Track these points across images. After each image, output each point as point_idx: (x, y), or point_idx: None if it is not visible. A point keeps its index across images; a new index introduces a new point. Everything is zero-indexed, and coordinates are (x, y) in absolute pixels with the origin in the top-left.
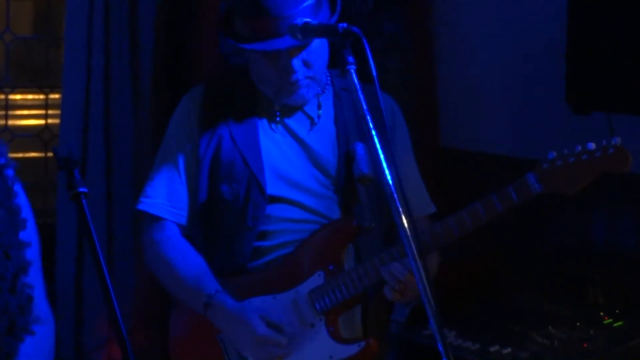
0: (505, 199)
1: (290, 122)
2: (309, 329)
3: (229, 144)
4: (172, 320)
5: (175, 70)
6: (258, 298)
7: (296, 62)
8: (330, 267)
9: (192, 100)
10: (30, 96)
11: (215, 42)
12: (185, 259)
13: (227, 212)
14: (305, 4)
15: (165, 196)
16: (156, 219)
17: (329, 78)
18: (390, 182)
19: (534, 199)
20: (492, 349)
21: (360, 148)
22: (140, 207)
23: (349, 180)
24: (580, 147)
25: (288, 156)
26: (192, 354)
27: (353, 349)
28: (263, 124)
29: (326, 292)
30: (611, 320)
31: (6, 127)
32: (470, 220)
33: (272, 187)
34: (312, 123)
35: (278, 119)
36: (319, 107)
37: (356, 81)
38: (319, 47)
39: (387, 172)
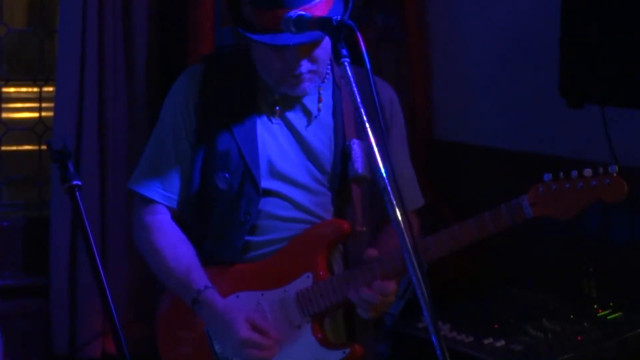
0: (499, 221)
1: (290, 115)
2: (296, 331)
3: (225, 134)
4: (162, 301)
5: (170, 62)
6: (246, 293)
7: (303, 57)
8: (320, 272)
9: (190, 81)
10: (24, 89)
11: (210, 35)
12: (176, 250)
13: (219, 203)
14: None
15: (158, 178)
16: (148, 201)
17: (329, 67)
18: (385, 176)
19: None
20: (485, 342)
21: (356, 145)
22: (134, 187)
23: (344, 179)
24: (576, 173)
25: (284, 150)
26: (179, 337)
27: (338, 355)
28: (261, 115)
29: (314, 295)
30: (605, 312)
31: (0, 120)
32: (462, 238)
33: (267, 182)
34: (311, 117)
35: (277, 107)
36: (319, 100)
37: (350, 74)
38: (325, 42)
39: (381, 167)
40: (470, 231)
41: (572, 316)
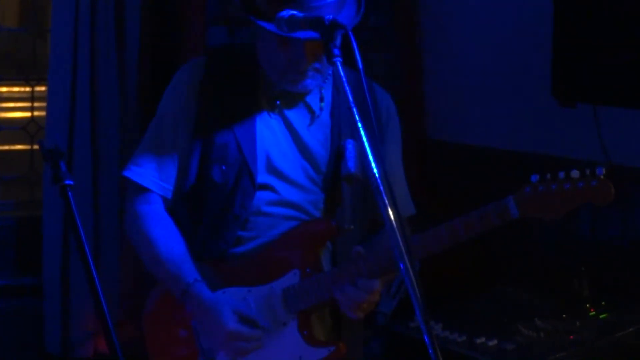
0: (485, 221)
1: (291, 112)
2: (281, 327)
3: (224, 127)
4: (148, 300)
5: (162, 63)
6: (233, 289)
7: (309, 54)
8: (307, 270)
9: (192, 72)
10: (16, 88)
11: (202, 35)
12: (168, 242)
13: (214, 196)
14: None
15: (155, 167)
16: (142, 190)
17: (330, 68)
18: (377, 175)
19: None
20: (478, 341)
21: (350, 145)
22: (128, 174)
23: (337, 178)
24: (563, 174)
25: (282, 147)
26: (166, 334)
27: (322, 352)
28: (261, 110)
29: (300, 292)
30: (597, 312)
31: None
32: (449, 237)
33: (262, 177)
34: (314, 116)
35: (277, 102)
36: (322, 99)
37: (342, 74)
38: None
39: (373, 165)
40: (457, 231)
41: (564, 315)
